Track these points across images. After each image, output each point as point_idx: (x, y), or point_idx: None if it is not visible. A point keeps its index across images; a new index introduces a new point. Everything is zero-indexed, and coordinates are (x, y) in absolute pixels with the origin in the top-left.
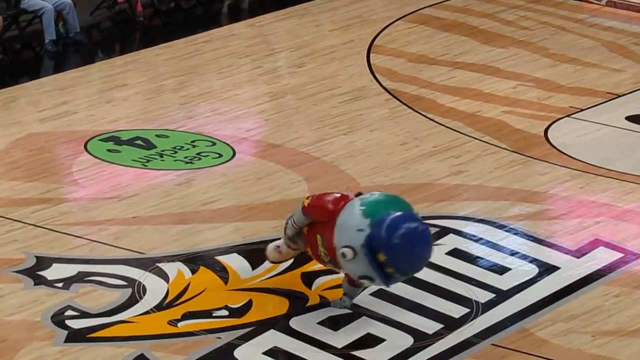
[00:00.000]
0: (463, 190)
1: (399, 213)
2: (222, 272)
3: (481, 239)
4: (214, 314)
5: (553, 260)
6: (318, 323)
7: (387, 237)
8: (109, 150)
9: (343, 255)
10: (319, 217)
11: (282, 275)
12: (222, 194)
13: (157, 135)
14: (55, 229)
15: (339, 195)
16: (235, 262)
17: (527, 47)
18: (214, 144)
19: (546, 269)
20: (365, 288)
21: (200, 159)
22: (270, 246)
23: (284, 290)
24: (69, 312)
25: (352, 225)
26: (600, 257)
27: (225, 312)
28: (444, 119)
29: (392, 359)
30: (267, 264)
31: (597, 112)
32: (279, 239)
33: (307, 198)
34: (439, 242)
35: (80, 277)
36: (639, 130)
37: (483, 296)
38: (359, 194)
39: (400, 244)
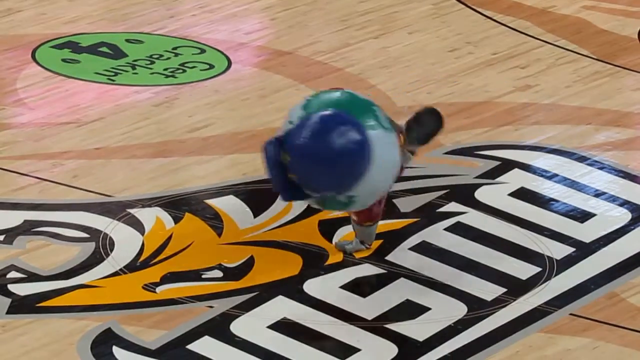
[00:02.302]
0: (532, 111)
1: (331, 112)
2: (215, 220)
3: (556, 175)
4: (203, 276)
5: None
6: (341, 287)
7: (297, 134)
8: (64, 61)
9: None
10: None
11: (293, 224)
12: (214, 118)
13: (127, 41)
14: None
15: None
16: (232, 207)
17: None
18: (202, 51)
19: None
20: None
21: (184, 71)
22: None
23: (295, 243)
24: (13, 274)
25: (288, 116)
26: None
27: (218, 273)
28: (506, 17)
29: (439, 334)
30: (273, 209)
31: None
32: None
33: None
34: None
35: (27, 228)
36: None
37: (558, 251)
38: None
39: (306, 144)
